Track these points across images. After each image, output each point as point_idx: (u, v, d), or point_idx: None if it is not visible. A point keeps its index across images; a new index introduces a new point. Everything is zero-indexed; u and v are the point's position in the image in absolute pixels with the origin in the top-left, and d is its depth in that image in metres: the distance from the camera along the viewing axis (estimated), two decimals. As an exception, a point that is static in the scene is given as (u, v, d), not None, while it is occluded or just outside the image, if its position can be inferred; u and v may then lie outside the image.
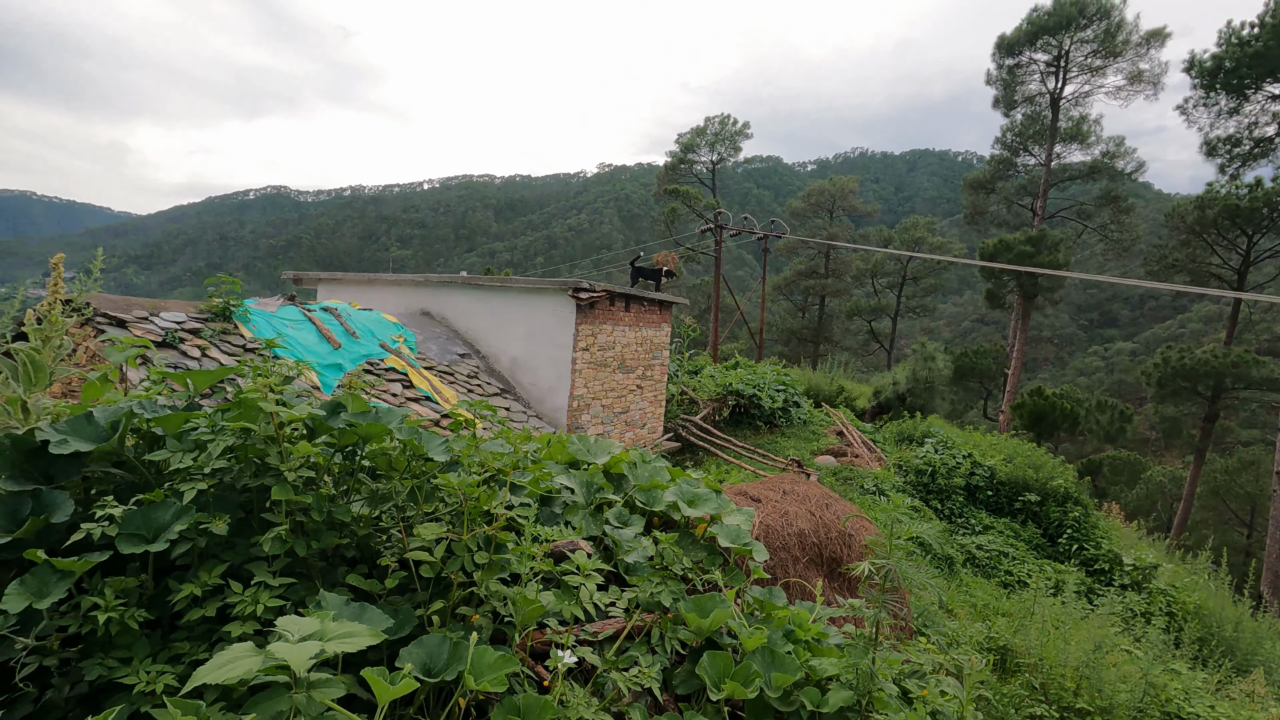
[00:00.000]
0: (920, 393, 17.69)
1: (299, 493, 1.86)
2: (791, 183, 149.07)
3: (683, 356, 15.44)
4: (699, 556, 3.19)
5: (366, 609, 1.69)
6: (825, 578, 4.08)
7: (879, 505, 9.81)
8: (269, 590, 1.71)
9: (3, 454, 1.82)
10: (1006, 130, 34.35)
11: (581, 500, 3.13)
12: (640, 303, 10.88)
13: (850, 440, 13.02)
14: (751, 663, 2.45)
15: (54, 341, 1.96)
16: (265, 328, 7.39)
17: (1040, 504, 11.13)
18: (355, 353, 8.09)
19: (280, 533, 1.78)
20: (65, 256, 2.56)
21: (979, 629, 5.73)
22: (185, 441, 1.97)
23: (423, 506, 2.07)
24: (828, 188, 49.32)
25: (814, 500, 4.65)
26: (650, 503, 3.38)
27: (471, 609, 1.90)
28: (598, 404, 10.16)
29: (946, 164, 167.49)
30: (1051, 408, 25.20)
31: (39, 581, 1.56)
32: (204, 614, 1.66)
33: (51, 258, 2.03)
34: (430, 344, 9.50)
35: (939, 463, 11.50)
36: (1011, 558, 9.61)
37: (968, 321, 78.40)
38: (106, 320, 6.24)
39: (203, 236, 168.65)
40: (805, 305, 49.57)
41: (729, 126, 47.68)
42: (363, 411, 2.22)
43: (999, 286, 32.79)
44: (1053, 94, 32.19)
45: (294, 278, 12.22)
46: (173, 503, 1.77)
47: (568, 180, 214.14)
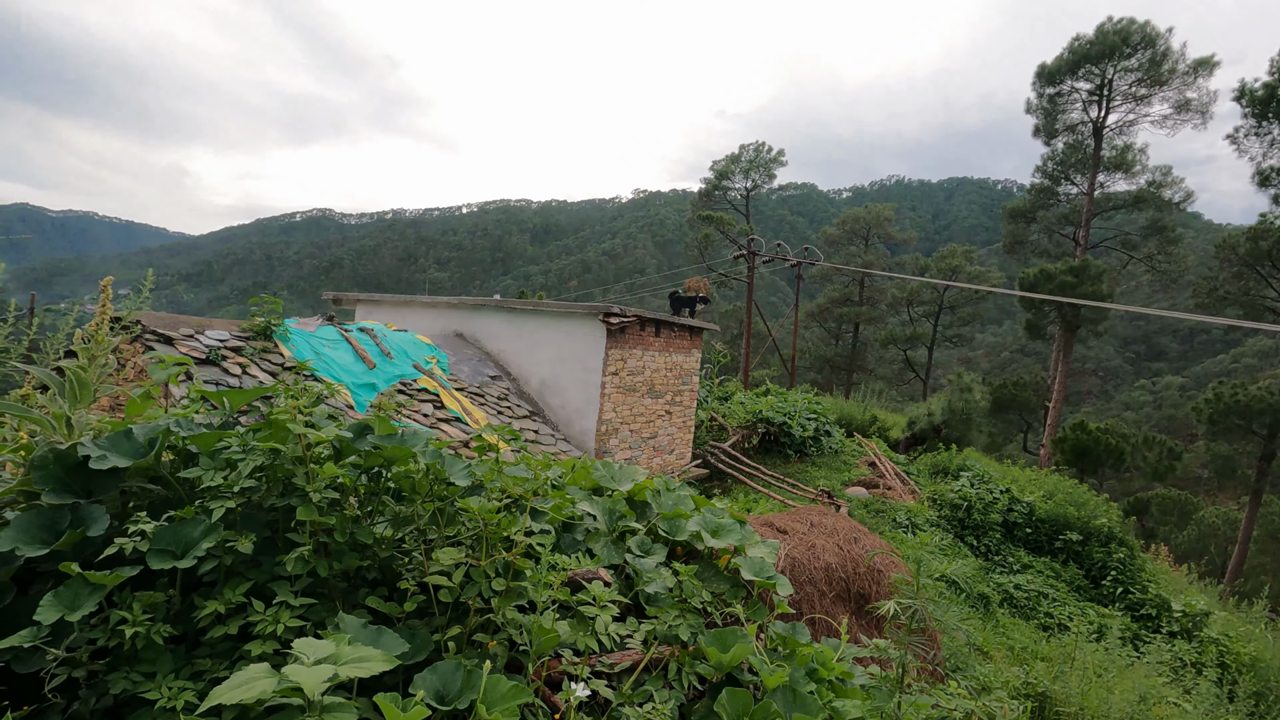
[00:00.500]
0: (956, 424, 17.27)
1: (323, 514, 1.89)
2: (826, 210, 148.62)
3: (713, 382, 15.38)
4: (721, 589, 3.14)
5: (384, 633, 1.70)
6: (852, 614, 3.98)
7: (911, 541, 9.55)
8: (290, 610, 1.73)
9: (47, 468, 1.89)
10: (1048, 159, 33.83)
11: (604, 528, 3.12)
12: (671, 328, 10.90)
13: (883, 471, 12.75)
14: (772, 701, 2.39)
15: (99, 360, 2.04)
16: (304, 347, 7.58)
17: (1082, 543, 10.71)
18: (389, 373, 8.24)
19: (303, 553, 1.81)
20: (114, 278, 2.67)
21: (1016, 673, 5.50)
22: (217, 460, 2.02)
23: (444, 530, 2.08)
24: (863, 215, 49.05)
25: (842, 534, 4.56)
26: (673, 532, 3.35)
27: (488, 636, 1.90)
28: (626, 428, 10.15)
29: (985, 192, 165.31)
30: (1095, 443, 24.36)
31: (72, 594, 1.61)
32: (226, 631, 1.69)
33: (102, 280, 2.12)
34: (462, 365, 9.63)
35: (975, 497, 11.17)
36: (1051, 599, 9.24)
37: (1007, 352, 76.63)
38: (155, 337, 6.47)
39: (250, 256, 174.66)
40: (839, 333, 49.08)
41: (763, 153, 47.89)
42: (389, 434, 2.25)
43: (1040, 317, 32.04)
44: (1095, 122, 31.67)
45: (334, 298, 12.54)
46: (202, 520, 1.81)
47: (603, 205, 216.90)
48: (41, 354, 4.10)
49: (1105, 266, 31.67)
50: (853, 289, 46.96)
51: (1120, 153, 31.73)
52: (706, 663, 2.53)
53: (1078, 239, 32.86)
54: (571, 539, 2.93)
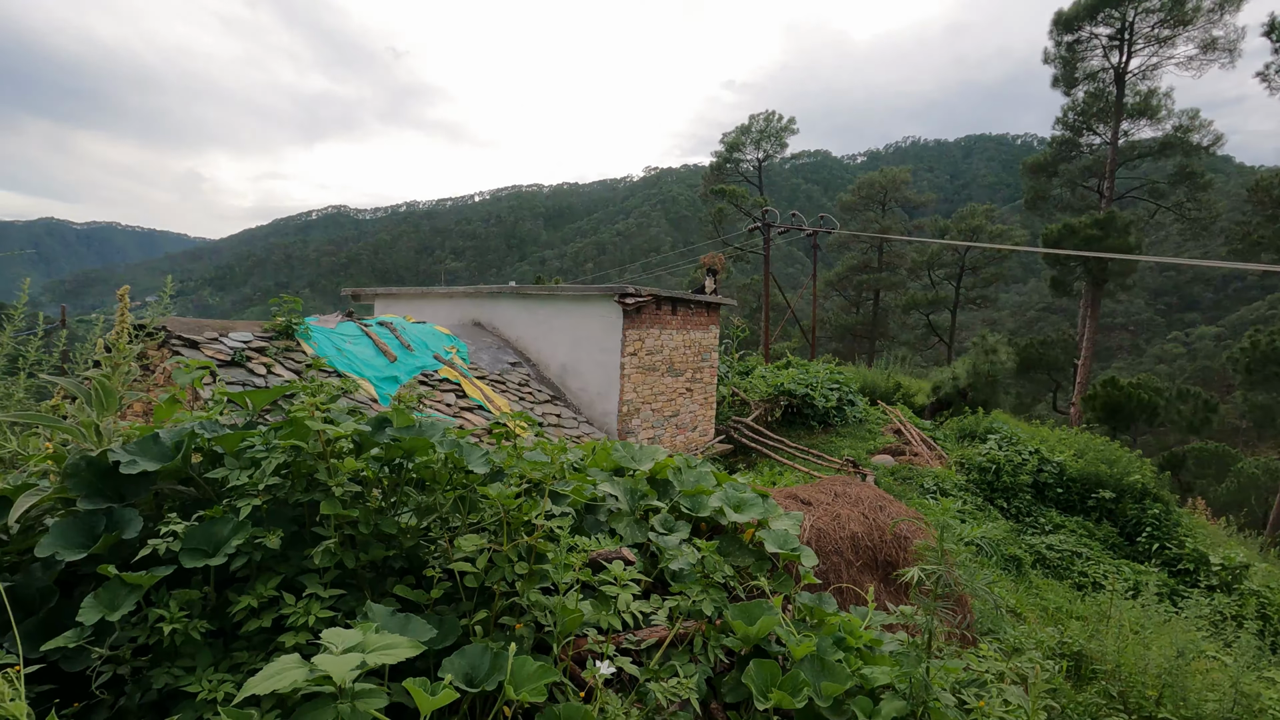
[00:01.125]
0: (982, 387, 17.05)
1: (346, 507, 1.93)
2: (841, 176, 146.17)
3: (732, 358, 15.33)
4: (746, 562, 3.16)
5: (411, 620, 1.74)
6: (880, 582, 3.98)
7: (935, 508, 9.50)
8: (320, 601, 1.78)
9: (79, 475, 1.95)
10: (1068, 109, 32.84)
11: (626, 507, 3.14)
12: (687, 306, 10.85)
13: (909, 438, 12.65)
14: (800, 671, 2.41)
15: (123, 368, 2.09)
16: (325, 344, 7.69)
17: (1116, 501, 10.56)
18: (410, 365, 8.33)
19: (330, 546, 1.86)
20: (140, 285, 2.72)
21: (1050, 634, 5.47)
22: (242, 459, 2.07)
23: (467, 517, 2.12)
24: (879, 179, 48.19)
25: (867, 502, 4.55)
26: (696, 508, 3.36)
27: (514, 618, 1.93)
28: (647, 408, 10.17)
29: (1005, 148, 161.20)
30: (1128, 398, 23.89)
31: (111, 595, 1.66)
32: (261, 625, 1.74)
33: (119, 290, 2.17)
34: (482, 354, 9.70)
35: (1003, 459, 11.04)
36: (1085, 558, 9.15)
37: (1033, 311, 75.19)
38: (181, 342, 6.61)
39: (270, 257, 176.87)
40: (859, 301, 48.53)
41: (774, 123, 47.15)
42: (408, 426, 2.28)
43: (1065, 273, 31.35)
44: (1117, 69, 30.63)
45: (353, 294, 12.68)
46: (231, 518, 1.86)
47: (614, 185, 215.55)
48: (73, 364, 4.22)
49: (1132, 217, 30.82)
50: (871, 255, 46.31)
51: (1144, 98, 30.70)
52: (733, 636, 2.55)
53: (1102, 191, 31.97)
54: (594, 520, 2.96)
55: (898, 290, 46.05)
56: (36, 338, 3.90)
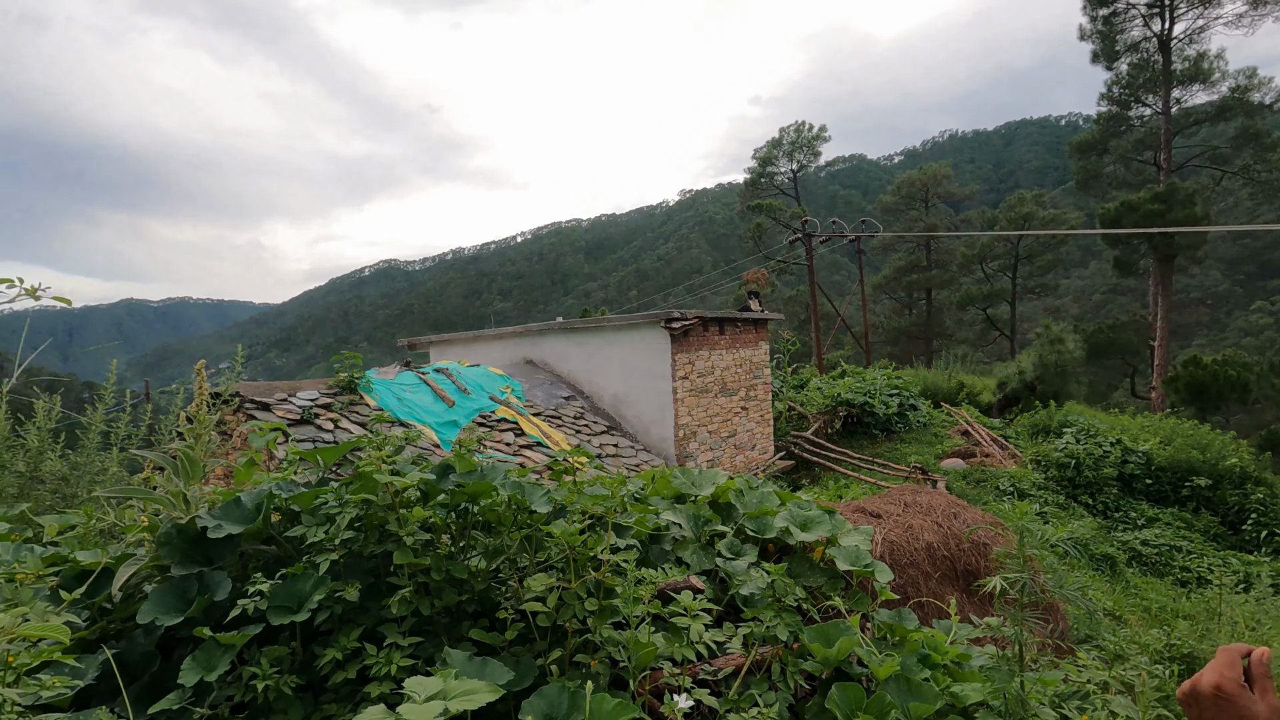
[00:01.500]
0: (1051, 379, 16.32)
1: (418, 555, 1.98)
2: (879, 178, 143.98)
3: (785, 372, 15.14)
4: (818, 582, 3.09)
5: (489, 663, 1.76)
6: (962, 594, 3.83)
7: (1010, 513, 9.09)
8: (400, 650, 1.82)
9: (171, 542, 2.07)
10: (1111, 84, 31.66)
11: (690, 534, 3.12)
12: (734, 324, 10.82)
13: (978, 439, 12.19)
14: (885, 693, 2.33)
15: (204, 438, 2.22)
16: (386, 395, 7.95)
17: (1213, 488, 9.88)
18: (468, 408, 8.53)
19: (405, 595, 1.91)
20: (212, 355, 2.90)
21: (1155, 636, 5.13)
22: (318, 516, 2.15)
23: (534, 556, 2.15)
24: (918, 177, 47.29)
25: (939, 510, 4.39)
26: (761, 530, 3.32)
27: (588, 656, 1.94)
28: (704, 430, 10.12)
29: (1048, 131, 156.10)
30: (1214, 377, 22.44)
31: (207, 656, 1.75)
32: (346, 676, 1.79)
33: (196, 364, 2.31)
34: (536, 391, 9.86)
35: (1083, 453, 10.50)
36: (1186, 551, 8.57)
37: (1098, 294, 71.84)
38: (254, 405, 6.94)
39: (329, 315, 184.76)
40: (910, 302, 47.38)
41: (805, 132, 47.00)
42: (470, 470, 2.34)
43: (1128, 252, 29.95)
44: (1160, 36, 29.44)
45: (408, 343, 13.11)
46: (311, 574, 1.94)
47: (651, 212, 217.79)
48: (158, 436, 4.48)
49: (1196, 187, 29.27)
50: (919, 254, 45.27)
51: (1194, 63, 29.34)
52: (812, 659, 2.49)
53: (1159, 163, 30.55)
54: (660, 550, 2.95)
55: (950, 287, 44.79)
56: (125, 414, 4.17)
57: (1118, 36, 30.40)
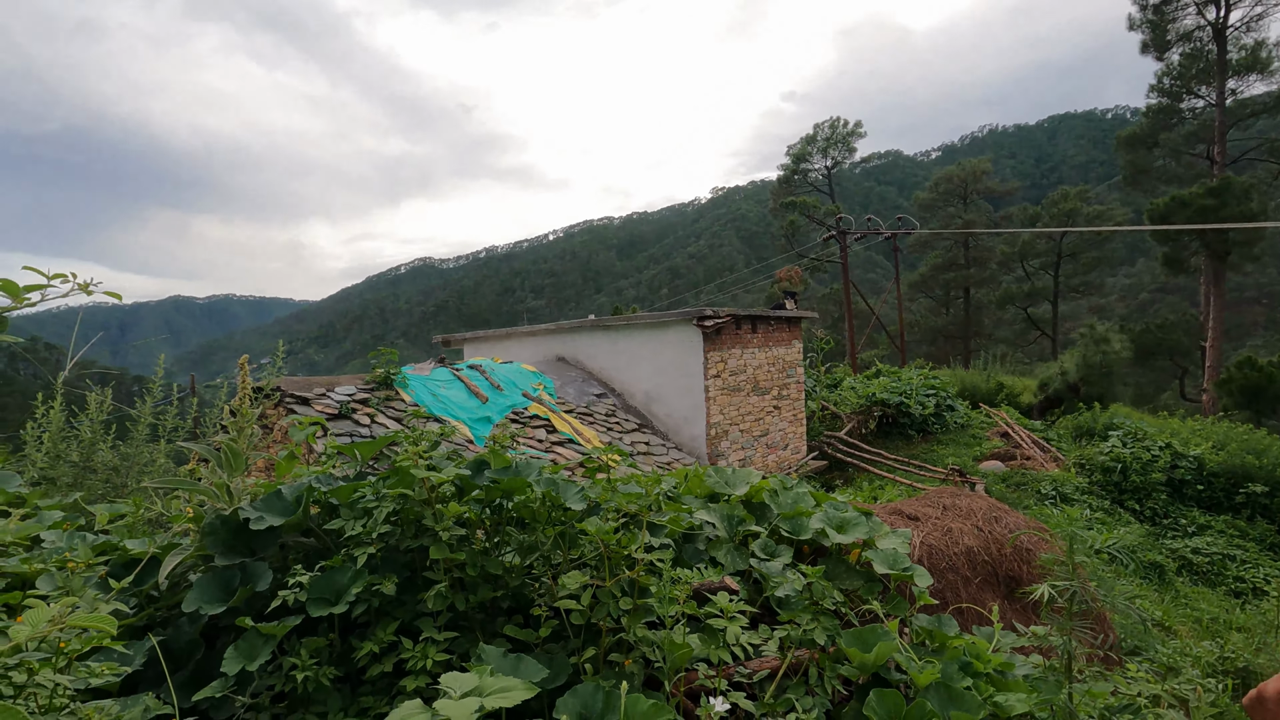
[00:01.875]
0: (1096, 380, 15.81)
1: (453, 550, 1.99)
2: (916, 175, 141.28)
3: (819, 371, 14.93)
4: (855, 585, 3.03)
5: (523, 660, 1.76)
6: (1003, 600, 3.72)
7: (1057, 516, 8.83)
8: (435, 645, 1.83)
9: (215, 533, 2.11)
10: (1162, 75, 30.52)
11: (724, 534, 3.09)
12: (767, 323, 10.71)
13: (1018, 441, 11.88)
14: (926, 701, 2.27)
15: (246, 431, 2.26)
16: (421, 391, 8.06)
17: (1270, 495, 9.46)
18: (501, 404, 8.60)
19: (441, 589, 1.91)
20: (254, 350, 2.95)
21: (1208, 648, 4.93)
22: (355, 510, 2.18)
23: (568, 553, 2.14)
24: (956, 173, 46.31)
25: (980, 514, 4.28)
26: (797, 531, 3.27)
27: (622, 655, 1.92)
28: (735, 429, 10.05)
29: (1094, 124, 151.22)
30: (1270, 380, 21.51)
31: (249, 645, 1.78)
32: (383, 669, 1.81)
33: (240, 358, 2.36)
34: (568, 388, 9.89)
35: (1130, 457, 10.14)
36: (1240, 561, 8.23)
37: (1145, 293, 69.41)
38: (294, 400, 7.10)
39: (366, 313, 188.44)
40: (948, 300, 46.44)
41: (840, 129, 46.34)
42: (504, 467, 2.35)
43: (1178, 249, 28.88)
44: (1215, 24, 28.28)
45: (442, 340, 13.27)
46: (349, 567, 1.96)
47: (683, 210, 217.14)
48: (203, 429, 4.60)
49: (1252, 181, 28.07)
50: (957, 252, 44.31)
51: (1251, 52, 28.12)
52: (849, 664, 2.44)
53: (1212, 156, 29.37)
54: (694, 549, 2.92)
55: (989, 286, 43.77)
56: (172, 407, 4.30)
57: (1169, 26, 29.30)
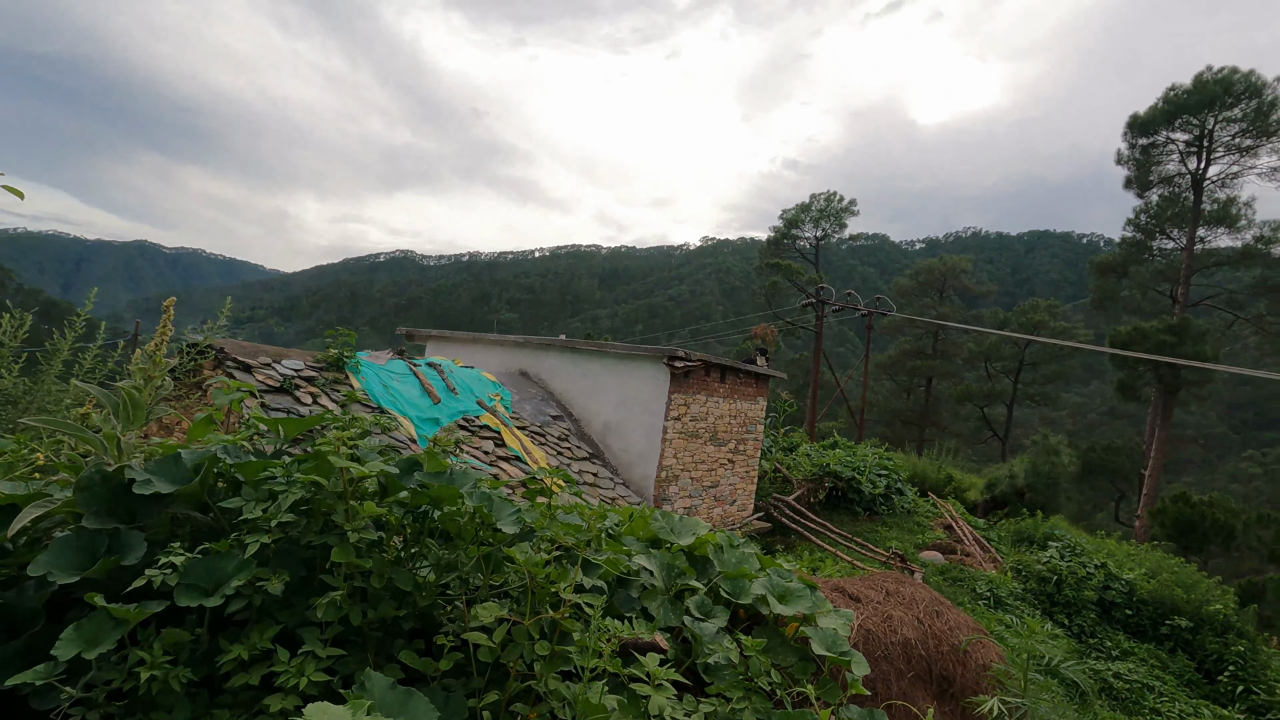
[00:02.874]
0: (1041, 489, 16.08)
1: (361, 555, 1.75)
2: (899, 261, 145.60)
3: (778, 432, 14.90)
4: (788, 662, 2.84)
5: (412, 696, 1.52)
6: (935, 700, 3.56)
7: (995, 616, 8.77)
8: (316, 661, 1.58)
9: (92, 489, 1.84)
10: (1140, 212, 32.08)
11: (661, 585, 2.88)
12: (736, 374, 10.63)
13: (960, 536, 11.90)
14: (848, 804, 2.08)
15: (155, 380, 2.00)
16: (373, 379, 7.72)
17: (1193, 631, 9.58)
18: (453, 408, 8.29)
19: (336, 598, 1.68)
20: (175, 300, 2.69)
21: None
22: (260, 491, 1.93)
23: (489, 579, 1.92)
24: (938, 266, 47.70)
25: (922, 605, 4.14)
26: (736, 593, 3.07)
27: (528, 706, 1.70)
28: (687, 475, 9.85)
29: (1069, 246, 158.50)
30: (1201, 517, 22.21)
31: (94, 628, 1.51)
32: (248, 680, 1.55)
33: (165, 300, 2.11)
34: (525, 404, 9.62)
35: (1066, 570, 10.21)
36: (1158, 693, 8.24)
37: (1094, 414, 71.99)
38: (235, 365, 6.71)
39: (337, 293, 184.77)
40: (910, 387, 47.32)
41: (834, 203, 47.50)
42: (439, 472, 2.12)
43: (1133, 378, 29.97)
44: (1194, 174, 29.96)
45: (407, 333, 12.89)
46: (236, 555, 1.71)
47: (671, 253, 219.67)
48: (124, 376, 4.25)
49: (1208, 326, 29.46)
50: (926, 342, 45.38)
51: (1223, 206, 29.79)
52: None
53: (1175, 296, 30.78)
54: (626, 595, 2.70)
55: (952, 379, 44.83)
56: (94, 347, 3.95)
57: (1153, 167, 30.94)
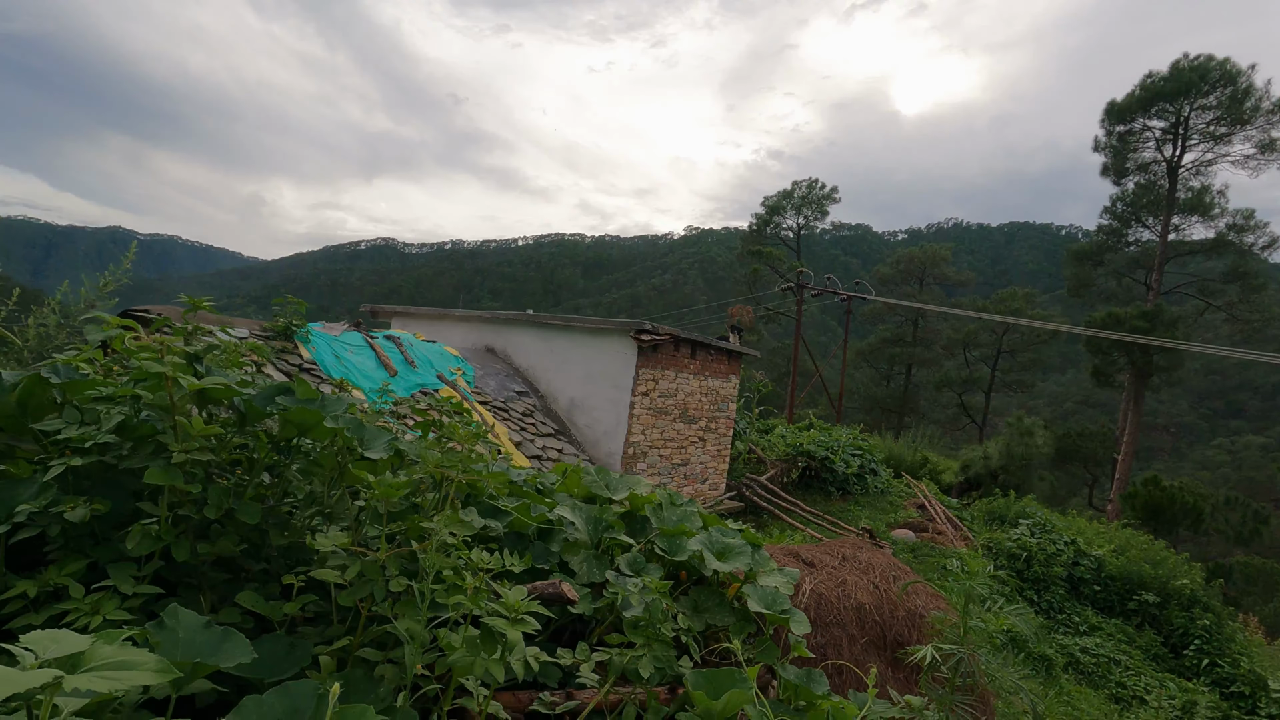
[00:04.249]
0: (1015, 470, 16.10)
1: (189, 481, 1.50)
2: (880, 251, 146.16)
3: (753, 414, 14.73)
4: (725, 621, 2.64)
5: (230, 636, 1.27)
6: (888, 665, 3.38)
7: (969, 566, 8.69)
8: (119, 599, 1.33)
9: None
10: (1116, 199, 32.27)
11: (585, 538, 2.65)
12: (707, 350, 10.42)
13: (933, 515, 11.84)
14: (771, 767, 1.87)
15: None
16: (324, 350, 7.40)
17: (1160, 606, 9.58)
18: (410, 381, 8.00)
19: (153, 529, 1.42)
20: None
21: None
22: (89, 413, 1.67)
23: (349, 509, 1.67)
24: (918, 254, 47.83)
25: (879, 570, 3.96)
26: (673, 551, 2.86)
27: (383, 654, 1.46)
28: (655, 453, 9.65)
29: (1048, 237, 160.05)
30: (1171, 500, 22.48)
31: None
32: (31, 621, 1.30)
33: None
34: (489, 379, 9.34)
35: (1036, 547, 10.16)
36: (1125, 667, 8.21)
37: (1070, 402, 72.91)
38: (171, 331, 6.36)
39: (316, 281, 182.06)
40: (890, 374, 47.52)
41: (816, 190, 47.39)
42: (309, 398, 1.86)
43: (1107, 363, 30.23)
44: (1170, 161, 30.15)
45: (371, 310, 12.54)
46: (37, 478, 1.45)
47: (655, 242, 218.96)
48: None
49: (1180, 313, 29.76)
50: (906, 329, 45.54)
51: (1197, 194, 30.03)
52: (691, 710, 2.02)
53: (1149, 283, 31.06)
54: (544, 549, 2.47)
55: (931, 367, 45.04)
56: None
57: (1130, 155, 31.08)
